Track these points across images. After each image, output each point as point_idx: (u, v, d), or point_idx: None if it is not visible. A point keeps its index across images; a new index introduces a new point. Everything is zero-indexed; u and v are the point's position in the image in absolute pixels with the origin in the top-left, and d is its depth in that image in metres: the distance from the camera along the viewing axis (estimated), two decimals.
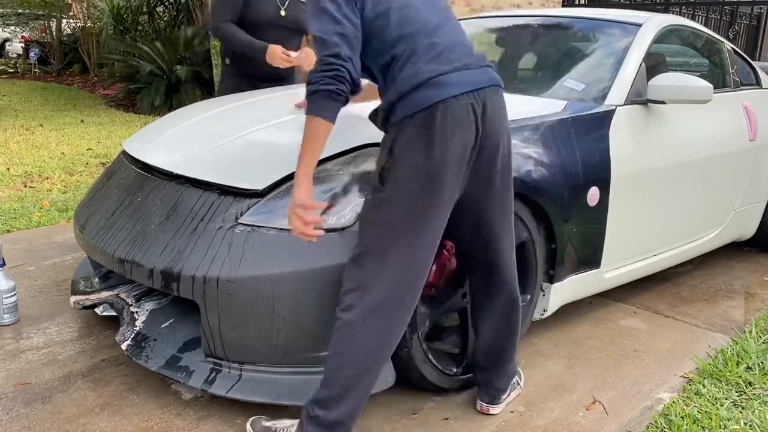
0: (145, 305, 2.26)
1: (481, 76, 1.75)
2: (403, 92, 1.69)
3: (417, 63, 1.70)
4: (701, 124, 2.99)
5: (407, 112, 1.68)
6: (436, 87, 1.67)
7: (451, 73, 1.70)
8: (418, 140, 1.66)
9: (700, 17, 9.26)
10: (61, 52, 11.97)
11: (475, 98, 1.71)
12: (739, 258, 3.79)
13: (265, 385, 1.92)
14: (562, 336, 2.66)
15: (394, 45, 1.72)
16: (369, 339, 1.73)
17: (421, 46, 1.72)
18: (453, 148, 1.67)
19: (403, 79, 1.70)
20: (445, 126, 1.66)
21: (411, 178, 1.67)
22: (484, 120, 1.73)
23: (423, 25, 1.75)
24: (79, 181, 4.85)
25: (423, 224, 1.70)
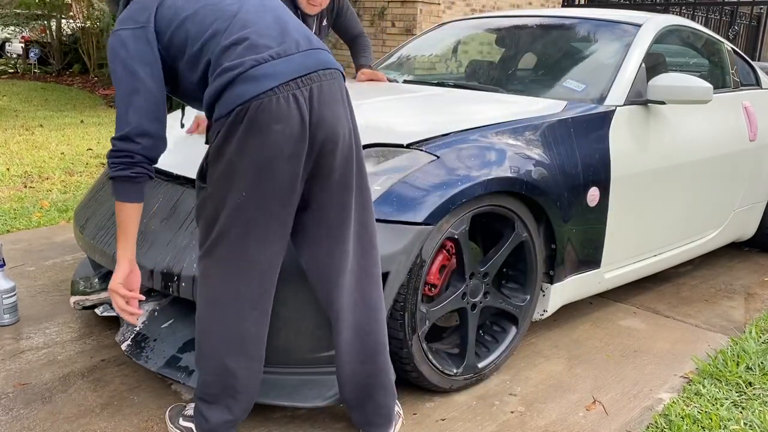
0: (145, 305, 2.25)
1: (305, 61, 1.61)
2: (218, 91, 1.58)
3: (227, 60, 1.58)
4: (701, 124, 2.99)
5: (222, 111, 1.57)
6: (247, 82, 1.55)
7: (263, 65, 1.57)
8: (234, 138, 1.57)
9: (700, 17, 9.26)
10: (61, 52, 11.97)
11: (297, 87, 1.57)
12: (740, 258, 3.79)
13: (265, 385, 1.91)
14: (562, 336, 2.66)
15: (202, 50, 1.62)
16: (213, 333, 1.70)
17: (226, 44, 1.60)
18: (273, 144, 1.55)
19: (216, 78, 1.58)
20: (261, 122, 1.54)
21: (227, 176, 1.59)
22: (311, 110, 1.59)
23: (224, 21, 1.62)
24: (79, 181, 4.85)
25: (247, 221, 1.61)
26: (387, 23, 8.52)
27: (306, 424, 1.98)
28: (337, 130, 1.63)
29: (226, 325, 1.69)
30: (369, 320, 1.78)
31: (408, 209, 1.93)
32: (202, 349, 1.74)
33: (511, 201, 2.17)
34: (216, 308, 1.69)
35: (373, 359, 1.80)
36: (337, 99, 1.64)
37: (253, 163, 1.56)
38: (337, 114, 1.64)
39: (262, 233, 1.63)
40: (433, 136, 2.17)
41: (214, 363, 1.72)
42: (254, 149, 1.55)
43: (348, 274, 1.73)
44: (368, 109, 2.46)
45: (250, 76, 1.55)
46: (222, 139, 1.58)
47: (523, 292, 2.32)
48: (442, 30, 3.70)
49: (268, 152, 1.56)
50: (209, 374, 1.74)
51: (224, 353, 1.71)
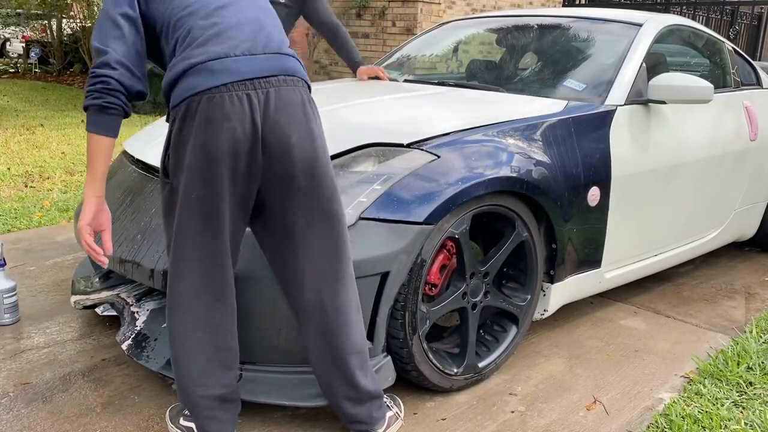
0: (145, 305, 2.26)
1: (268, 64, 1.59)
2: (174, 78, 1.56)
3: (189, 47, 1.57)
4: (702, 124, 2.99)
5: (176, 100, 1.56)
6: (203, 74, 1.54)
7: (223, 59, 1.55)
8: (186, 130, 1.56)
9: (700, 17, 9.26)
10: (61, 51, 11.97)
11: (254, 88, 1.55)
12: (740, 258, 3.78)
13: (265, 384, 1.91)
14: (562, 336, 2.66)
15: (176, 27, 1.62)
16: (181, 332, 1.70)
17: (197, 26, 1.59)
18: (218, 141, 1.54)
19: (175, 63, 1.57)
20: (210, 117, 1.52)
21: (184, 169, 1.58)
22: (266, 113, 1.57)
23: (204, 5, 1.63)
24: (80, 181, 4.85)
25: (203, 218, 1.60)
26: (387, 23, 8.52)
27: (306, 424, 1.98)
28: (291, 136, 1.60)
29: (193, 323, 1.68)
30: (337, 323, 1.75)
31: (408, 209, 1.93)
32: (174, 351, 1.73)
33: (512, 200, 2.16)
34: (175, 310, 1.69)
35: (340, 363, 1.78)
36: (296, 106, 1.62)
37: (207, 159, 1.55)
38: (294, 121, 1.61)
39: (214, 229, 1.61)
40: (434, 135, 2.17)
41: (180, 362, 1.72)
42: (208, 145, 1.54)
43: (314, 275, 1.71)
44: (368, 109, 2.46)
45: (207, 68, 1.54)
46: (177, 132, 1.57)
47: (523, 292, 2.32)
48: (442, 29, 3.70)
49: (216, 149, 1.54)
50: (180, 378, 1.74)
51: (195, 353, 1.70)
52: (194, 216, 1.61)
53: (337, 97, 2.69)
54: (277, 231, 1.70)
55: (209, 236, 1.62)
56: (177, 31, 1.61)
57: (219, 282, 1.68)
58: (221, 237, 1.64)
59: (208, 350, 1.71)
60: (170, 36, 1.63)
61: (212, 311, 1.69)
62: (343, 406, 1.84)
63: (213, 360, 1.72)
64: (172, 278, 1.69)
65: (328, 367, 1.80)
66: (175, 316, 1.71)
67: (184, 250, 1.65)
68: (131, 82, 1.61)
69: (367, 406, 1.85)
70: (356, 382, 1.81)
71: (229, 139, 1.54)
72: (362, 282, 1.85)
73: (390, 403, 1.95)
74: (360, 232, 1.88)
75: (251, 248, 1.89)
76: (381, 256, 1.87)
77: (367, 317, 1.91)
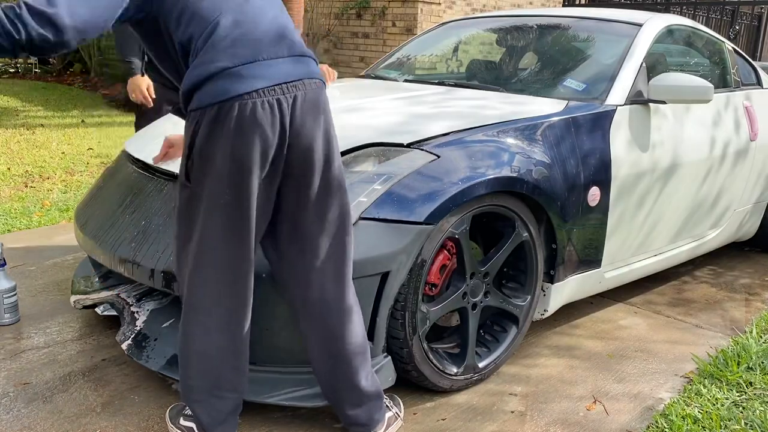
0: (145, 305, 2.26)
1: (294, 68, 1.59)
2: (200, 79, 1.53)
3: (215, 47, 1.53)
4: (702, 124, 2.99)
5: (203, 102, 1.52)
6: (233, 79, 1.51)
7: (252, 64, 1.53)
8: (216, 136, 1.53)
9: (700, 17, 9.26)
10: None
11: (282, 93, 1.55)
12: (740, 258, 3.78)
13: (265, 385, 1.91)
14: (562, 336, 2.66)
15: (193, 19, 1.55)
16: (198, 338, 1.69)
17: (223, 24, 1.55)
18: (250, 148, 1.52)
19: (199, 64, 1.53)
20: (242, 124, 1.51)
21: (212, 175, 1.55)
22: (293, 118, 1.57)
23: (226, 4, 1.58)
24: (80, 180, 4.85)
25: (231, 224, 1.59)
26: (387, 23, 8.51)
27: (306, 424, 1.98)
28: (315, 140, 1.61)
29: (213, 329, 1.68)
30: (340, 323, 1.76)
31: (409, 209, 1.93)
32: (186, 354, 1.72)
33: (512, 201, 2.16)
34: (198, 314, 1.68)
35: (341, 364, 1.78)
36: (319, 109, 1.63)
37: (237, 165, 1.53)
38: (317, 124, 1.62)
39: (239, 236, 1.61)
40: (434, 135, 2.17)
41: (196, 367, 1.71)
42: (238, 151, 1.52)
43: (320, 275, 1.72)
44: (368, 109, 2.46)
45: (237, 73, 1.52)
46: (205, 137, 1.54)
47: (523, 292, 2.32)
48: (442, 29, 3.70)
49: (247, 156, 1.53)
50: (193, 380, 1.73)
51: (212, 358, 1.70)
52: (221, 222, 1.59)
53: (337, 97, 2.69)
54: (289, 230, 1.70)
55: (236, 242, 1.61)
56: (197, 24, 1.54)
57: (242, 288, 1.67)
58: (248, 243, 1.63)
59: (225, 355, 1.71)
60: (184, 25, 1.55)
61: (233, 317, 1.69)
62: (343, 407, 1.84)
63: (228, 365, 1.72)
64: (193, 283, 1.67)
65: (328, 368, 1.79)
66: (193, 320, 1.69)
67: (208, 256, 1.63)
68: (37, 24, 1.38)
69: (367, 407, 1.85)
70: (357, 383, 1.81)
71: (260, 146, 1.54)
72: (362, 282, 1.85)
73: (389, 403, 1.95)
74: (360, 231, 1.88)
75: None
76: (381, 256, 1.87)
77: (367, 317, 1.91)
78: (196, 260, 1.65)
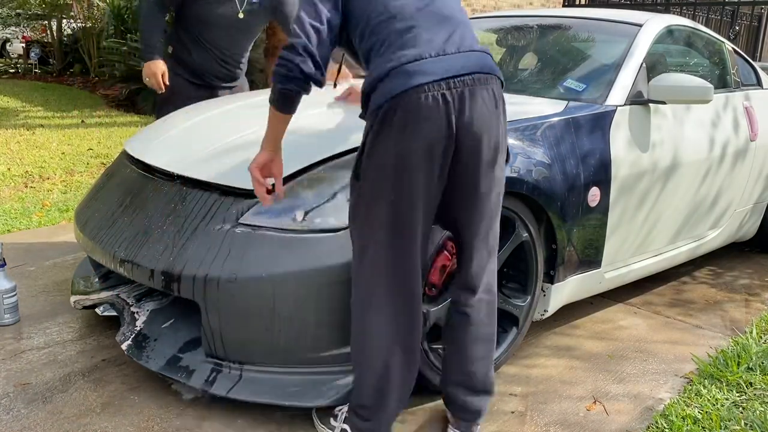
0: (145, 305, 2.26)
1: (463, 62, 1.60)
2: (374, 82, 1.61)
3: (387, 51, 1.61)
4: (702, 124, 2.99)
5: (376, 103, 1.59)
6: (399, 77, 1.56)
7: (418, 61, 1.57)
8: (382, 133, 1.58)
9: (700, 17, 9.26)
10: (61, 52, 11.96)
11: (449, 88, 1.56)
12: (740, 259, 3.78)
13: (265, 385, 1.92)
14: (562, 336, 2.66)
15: (373, 31, 1.65)
16: (372, 335, 1.71)
17: (395, 30, 1.62)
18: (415, 143, 1.56)
19: (374, 68, 1.62)
20: (406, 119, 1.55)
21: (380, 172, 1.60)
22: (461, 112, 1.58)
23: (404, 8, 1.65)
24: (80, 181, 4.85)
25: (397, 220, 1.62)
26: None
27: (307, 424, 1.98)
28: (482, 137, 1.63)
29: (381, 325, 1.70)
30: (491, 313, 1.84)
31: None
32: (361, 352, 1.74)
33: (512, 201, 2.16)
34: (369, 309, 1.70)
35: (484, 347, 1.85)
36: (489, 105, 1.63)
37: (405, 160, 1.57)
38: (486, 121, 1.63)
39: (408, 232, 1.64)
40: None
41: (376, 364, 1.72)
42: (406, 146, 1.56)
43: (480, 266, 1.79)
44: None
45: (404, 71, 1.56)
46: (374, 135, 1.60)
47: (523, 292, 2.32)
48: None
49: (418, 150, 1.56)
50: (367, 378, 1.74)
51: (385, 354, 1.71)
52: (387, 219, 1.62)
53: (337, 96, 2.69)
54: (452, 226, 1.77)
55: (401, 240, 1.64)
56: (374, 35, 1.65)
57: (410, 285, 1.69)
58: (414, 240, 1.66)
59: (396, 352, 1.72)
60: (365, 38, 1.67)
61: (400, 315, 1.70)
62: (456, 393, 1.86)
63: (398, 362, 1.72)
64: (363, 281, 1.70)
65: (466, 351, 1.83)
66: (366, 317, 1.71)
67: (375, 253, 1.66)
68: (313, 70, 1.64)
69: (481, 398, 1.88)
70: (487, 369, 1.86)
71: (426, 141, 1.56)
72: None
73: None
74: None
75: (251, 248, 1.89)
76: None
77: None
78: (363, 257, 1.68)
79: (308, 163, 2.03)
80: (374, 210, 1.63)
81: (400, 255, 1.66)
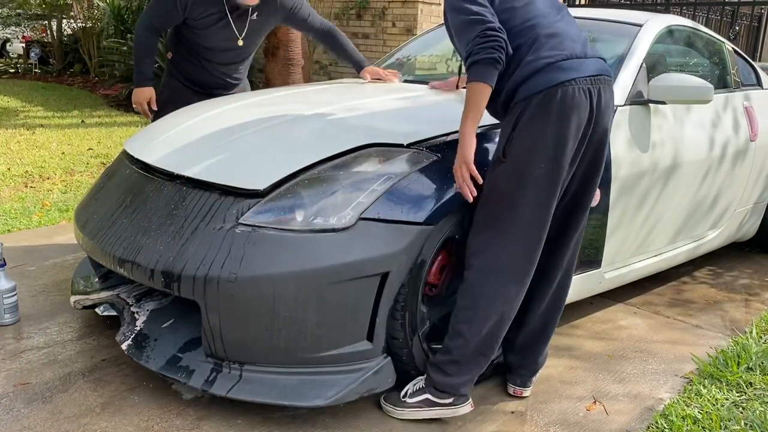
0: (145, 305, 2.26)
1: (596, 66, 1.94)
2: (527, 74, 1.87)
3: (540, 50, 1.89)
4: (702, 124, 2.99)
5: (530, 91, 1.86)
6: (558, 70, 1.86)
7: (570, 59, 1.89)
8: (539, 117, 1.85)
9: (700, 17, 9.25)
10: (61, 52, 11.97)
11: (591, 84, 1.89)
12: (740, 259, 3.78)
13: (265, 385, 1.92)
14: (562, 336, 2.66)
15: (518, 35, 1.92)
16: (484, 298, 1.91)
17: (542, 35, 1.92)
18: (568, 126, 1.85)
19: (527, 62, 1.88)
20: (564, 105, 1.85)
21: (530, 150, 1.86)
22: (599, 105, 1.92)
23: (543, 17, 1.96)
24: (80, 181, 4.85)
25: (538, 193, 1.87)
26: (387, 23, 8.51)
27: (306, 424, 1.98)
28: (607, 128, 1.98)
29: (504, 292, 1.92)
30: (566, 282, 2.15)
31: (408, 209, 1.93)
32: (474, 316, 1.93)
33: None
34: (500, 275, 1.92)
35: (554, 315, 2.16)
36: (611, 101, 1.98)
37: (555, 140, 1.85)
38: (609, 114, 1.99)
39: (545, 204, 1.90)
40: (434, 135, 2.17)
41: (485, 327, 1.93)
42: (558, 128, 1.85)
43: (572, 242, 2.08)
44: (368, 109, 2.46)
45: (559, 66, 1.87)
46: (529, 117, 1.86)
47: None
48: (442, 30, 3.69)
49: (567, 132, 1.86)
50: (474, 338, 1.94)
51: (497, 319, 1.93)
52: (533, 192, 1.87)
53: (337, 97, 2.69)
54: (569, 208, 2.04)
55: (542, 211, 1.90)
56: (521, 38, 1.92)
57: (537, 254, 1.95)
58: (550, 212, 1.92)
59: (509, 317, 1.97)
60: (510, 39, 1.91)
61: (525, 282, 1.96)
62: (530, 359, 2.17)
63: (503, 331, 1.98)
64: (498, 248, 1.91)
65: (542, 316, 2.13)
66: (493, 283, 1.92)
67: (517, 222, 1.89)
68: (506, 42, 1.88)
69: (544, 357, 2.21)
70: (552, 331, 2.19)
71: (576, 125, 1.87)
72: (362, 282, 1.85)
73: None
74: (360, 232, 1.88)
75: (251, 248, 1.89)
76: (381, 256, 1.87)
77: (366, 318, 1.92)
78: (500, 226, 1.91)
79: (308, 163, 2.03)
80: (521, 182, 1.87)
81: (537, 225, 1.90)
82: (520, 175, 1.88)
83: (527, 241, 1.91)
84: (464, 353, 1.95)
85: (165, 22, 2.99)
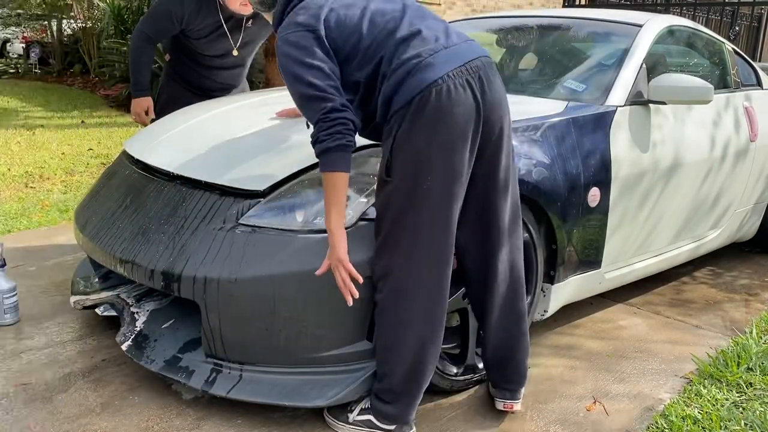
0: (145, 305, 2.26)
1: (468, 50, 1.75)
2: (397, 83, 1.71)
3: (402, 54, 1.72)
4: (702, 124, 2.99)
5: (403, 100, 1.69)
6: (426, 69, 1.69)
7: (438, 53, 1.71)
8: (417, 125, 1.68)
9: (700, 18, 9.26)
10: (61, 52, 11.96)
11: (469, 73, 1.71)
12: (740, 259, 3.78)
13: (265, 385, 1.92)
14: (562, 336, 2.66)
15: (376, 50, 1.75)
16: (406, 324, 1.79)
17: (398, 39, 1.74)
18: (452, 128, 1.68)
19: (393, 71, 1.72)
20: (441, 106, 1.67)
21: (414, 164, 1.70)
22: (483, 93, 1.73)
23: (393, 21, 1.77)
24: (80, 181, 4.86)
25: (432, 208, 1.72)
26: None
27: (306, 425, 1.98)
28: (503, 112, 1.79)
29: (418, 314, 1.79)
30: (516, 289, 1.96)
31: None
32: (396, 341, 1.81)
33: None
34: (406, 299, 1.78)
35: (516, 325, 1.99)
36: (500, 84, 1.80)
37: (439, 147, 1.68)
38: (501, 97, 1.79)
39: (444, 217, 1.74)
40: None
41: (411, 353, 1.80)
42: (440, 134, 1.68)
43: (503, 248, 1.89)
44: None
45: (428, 63, 1.69)
46: (407, 129, 1.69)
47: None
48: None
49: (451, 135, 1.68)
50: (399, 365, 1.82)
51: (418, 342, 1.80)
52: (425, 208, 1.72)
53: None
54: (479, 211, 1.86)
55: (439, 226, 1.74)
56: (379, 51, 1.74)
57: (444, 274, 1.79)
58: (451, 226, 1.76)
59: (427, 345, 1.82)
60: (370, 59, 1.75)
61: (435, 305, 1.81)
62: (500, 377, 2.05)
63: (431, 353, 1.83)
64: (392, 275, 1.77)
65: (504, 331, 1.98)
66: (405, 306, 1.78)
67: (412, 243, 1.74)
68: (354, 118, 1.72)
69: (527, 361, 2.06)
70: (526, 341, 2.02)
71: (459, 125, 1.69)
72: (362, 282, 1.85)
73: None
74: (360, 232, 1.88)
75: (251, 248, 1.89)
76: None
77: (366, 318, 1.92)
78: (400, 248, 1.76)
79: (308, 163, 2.03)
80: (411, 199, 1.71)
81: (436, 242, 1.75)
82: (408, 192, 1.71)
83: (432, 258, 1.76)
84: (395, 380, 1.83)
85: (161, 33, 3.00)
